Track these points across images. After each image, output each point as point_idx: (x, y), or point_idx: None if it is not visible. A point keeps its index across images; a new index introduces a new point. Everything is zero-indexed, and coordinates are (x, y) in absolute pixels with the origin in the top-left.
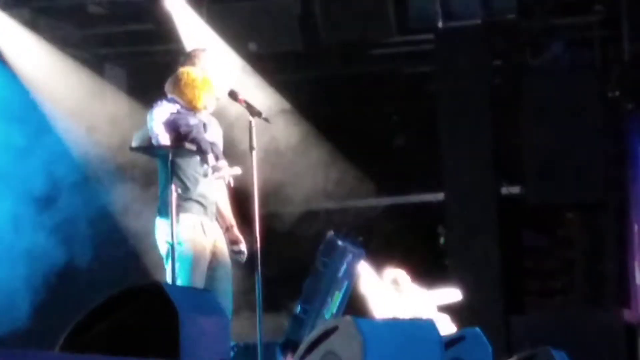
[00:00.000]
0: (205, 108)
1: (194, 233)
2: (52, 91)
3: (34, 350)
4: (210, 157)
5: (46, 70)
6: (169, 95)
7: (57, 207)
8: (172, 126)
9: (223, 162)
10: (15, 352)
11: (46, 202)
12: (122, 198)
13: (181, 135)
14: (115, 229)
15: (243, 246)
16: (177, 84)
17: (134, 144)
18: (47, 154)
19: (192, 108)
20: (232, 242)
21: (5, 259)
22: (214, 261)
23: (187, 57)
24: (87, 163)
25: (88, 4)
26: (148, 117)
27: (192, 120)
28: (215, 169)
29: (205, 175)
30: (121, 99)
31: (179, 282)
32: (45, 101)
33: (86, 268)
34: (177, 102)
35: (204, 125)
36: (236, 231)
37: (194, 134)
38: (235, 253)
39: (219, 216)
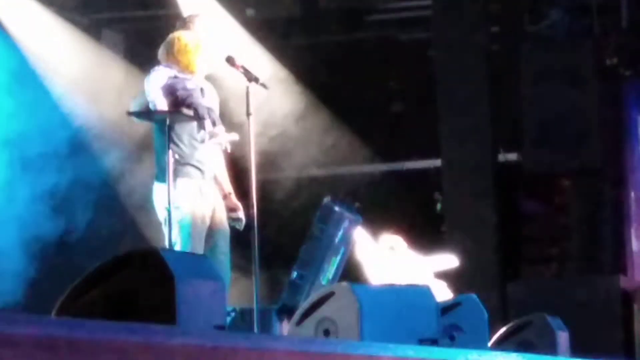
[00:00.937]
0: (201, 71)
1: (193, 198)
2: (48, 56)
3: (29, 314)
4: (208, 123)
5: (42, 34)
6: (163, 63)
7: (52, 174)
8: (169, 91)
9: (220, 128)
10: (10, 316)
11: (42, 169)
12: (118, 164)
13: (178, 100)
14: (111, 196)
15: (241, 213)
16: (170, 50)
17: (131, 109)
18: (42, 119)
19: (188, 73)
20: (230, 209)
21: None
22: (212, 226)
23: (182, 23)
24: (83, 129)
25: None
26: (145, 82)
27: (190, 85)
28: (212, 135)
29: (203, 140)
30: (118, 64)
31: (177, 247)
32: (41, 66)
33: (82, 236)
34: (173, 68)
35: (202, 90)
36: (234, 198)
37: (191, 98)
38: (233, 220)
39: (216, 184)
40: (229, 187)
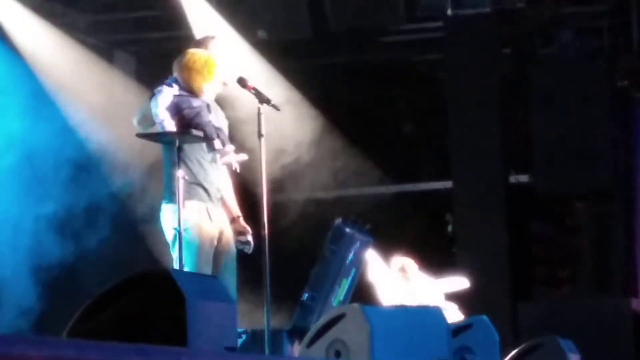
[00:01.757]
0: (209, 92)
1: (200, 219)
2: (61, 78)
3: (41, 336)
4: (217, 142)
5: (55, 56)
6: (175, 74)
7: (61, 195)
8: (175, 110)
9: (230, 147)
10: (22, 338)
11: (51, 190)
12: (127, 185)
13: (185, 120)
14: (120, 216)
15: (250, 237)
16: (184, 66)
17: (134, 122)
18: (53, 140)
19: (194, 91)
20: (238, 232)
21: (10, 252)
22: (220, 248)
23: (196, 45)
24: (94, 150)
25: None
26: (152, 103)
27: (195, 102)
28: (222, 154)
29: (212, 160)
30: (130, 86)
31: (185, 268)
32: (54, 87)
33: (92, 257)
34: (177, 84)
35: (208, 106)
36: (242, 222)
37: (198, 117)
38: (241, 244)
39: (224, 207)
40: (237, 211)
